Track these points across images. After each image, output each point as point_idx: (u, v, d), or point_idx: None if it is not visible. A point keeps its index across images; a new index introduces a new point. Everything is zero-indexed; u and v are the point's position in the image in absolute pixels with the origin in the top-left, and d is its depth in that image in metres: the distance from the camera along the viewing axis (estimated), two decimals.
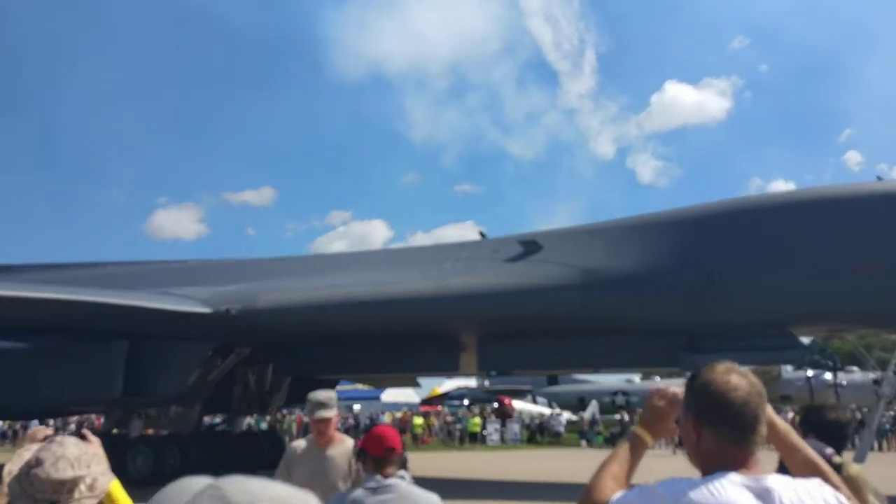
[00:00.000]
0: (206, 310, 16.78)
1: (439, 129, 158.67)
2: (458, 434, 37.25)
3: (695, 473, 1.98)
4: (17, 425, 36.87)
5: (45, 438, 2.48)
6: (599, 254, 16.17)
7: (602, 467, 2.10)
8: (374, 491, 3.43)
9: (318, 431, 4.81)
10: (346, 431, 40.29)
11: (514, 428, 37.41)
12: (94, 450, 2.34)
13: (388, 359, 18.63)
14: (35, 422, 23.12)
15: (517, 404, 42.64)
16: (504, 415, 39.60)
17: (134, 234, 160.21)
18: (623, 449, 2.16)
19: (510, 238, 17.97)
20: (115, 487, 2.61)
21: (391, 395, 46.58)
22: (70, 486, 2.20)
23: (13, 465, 2.38)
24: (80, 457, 2.25)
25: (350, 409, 44.83)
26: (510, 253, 17.10)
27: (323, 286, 17.35)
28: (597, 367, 19.00)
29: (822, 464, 2.17)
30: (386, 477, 3.49)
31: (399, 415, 42.99)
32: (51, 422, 28.77)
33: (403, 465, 3.68)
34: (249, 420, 28.84)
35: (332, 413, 4.75)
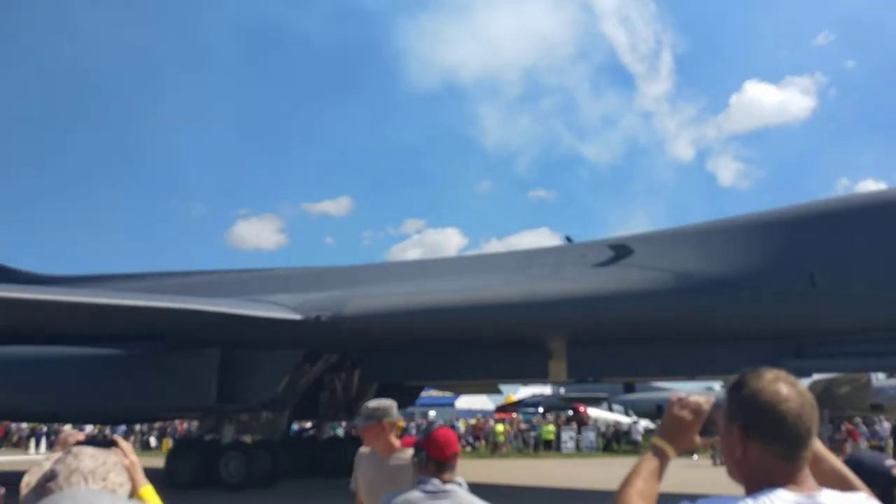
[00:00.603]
0: (297, 316, 16.96)
1: (512, 136, 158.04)
2: (532, 441, 36.93)
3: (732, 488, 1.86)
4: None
5: (76, 444, 2.29)
6: (693, 257, 15.75)
7: (626, 485, 1.97)
8: (433, 495, 3.33)
9: (366, 440, 4.79)
10: None
11: (590, 436, 36.93)
12: (113, 459, 2.18)
13: (475, 365, 18.55)
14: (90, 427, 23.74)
15: (592, 412, 42.02)
16: (579, 422, 39.09)
17: (216, 246, 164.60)
18: (646, 462, 2.02)
19: (599, 242, 17.68)
20: (148, 493, 2.50)
21: (466, 401, 46.44)
22: None
23: (32, 477, 2.28)
24: (95, 470, 2.11)
25: (425, 415, 44.92)
26: (599, 258, 16.81)
27: (410, 292, 17.37)
28: (692, 375, 18.52)
29: (850, 474, 2.06)
30: (444, 482, 3.38)
31: (473, 421, 42.90)
32: (88, 428, 29.65)
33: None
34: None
35: (367, 423, 4.67)
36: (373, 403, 4.80)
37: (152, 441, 39.14)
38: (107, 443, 2.36)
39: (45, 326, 17.99)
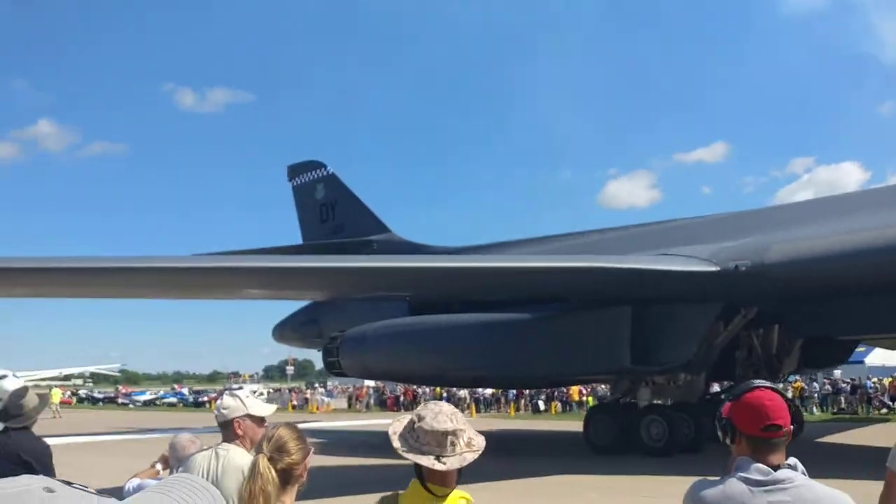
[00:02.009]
0: (713, 268, 15.42)
1: None
2: None
3: None
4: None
5: None
6: None
7: None
8: (762, 486, 2.41)
9: None
10: (824, 401, 36.13)
11: None
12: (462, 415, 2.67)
13: None
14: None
15: None
16: None
17: (587, 208, 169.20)
18: None
19: None
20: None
21: (879, 356, 40.61)
22: (451, 438, 2.60)
23: (397, 426, 2.75)
24: (455, 413, 2.69)
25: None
26: None
27: (847, 230, 14.84)
28: None
29: None
30: (773, 468, 2.44)
31: (887, 381, 37.43)
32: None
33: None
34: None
35: None
36: None
37: (541, 405, 40.44)
38: None
39: (460, 294, 18.71)
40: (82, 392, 74.07)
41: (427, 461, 2.62)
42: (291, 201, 29.28)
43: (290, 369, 76.54)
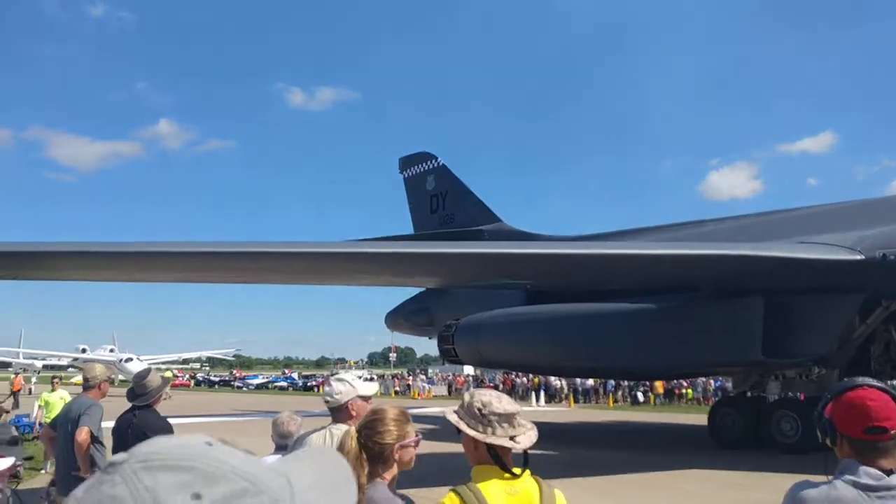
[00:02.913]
0: (857, 257, 14.62)
1: None
2: None
3: None
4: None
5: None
6: None
7: None
8: (874, 491, 2.20)
9: None
10: None
11: None
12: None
13: None
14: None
15: None
16: None
17: (688, 199, 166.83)
18: None
19: None
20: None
21: None
22: (518, 419, 2.84)
23: (454, 416, 2.91)
24: (512, 400, 2.93)
25: None
26: None
27: None
28: None
29: None
30: (887, 472, 2.23)
31: None
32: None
33: None
34: None
35: None
36: None
37: (640, 396, 39.64)
38: None
39: (583, 283, 18.38)
40: (199, 375, 77.34)
41: (507, 442, 2.80)
42: (403, 192, 29.57)
43: (392, 356, 78.27)
